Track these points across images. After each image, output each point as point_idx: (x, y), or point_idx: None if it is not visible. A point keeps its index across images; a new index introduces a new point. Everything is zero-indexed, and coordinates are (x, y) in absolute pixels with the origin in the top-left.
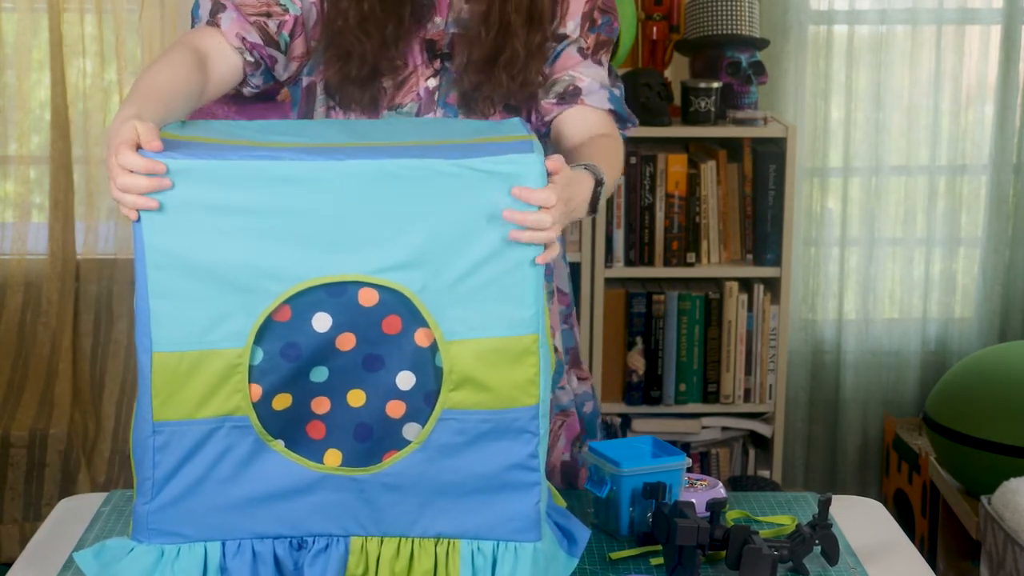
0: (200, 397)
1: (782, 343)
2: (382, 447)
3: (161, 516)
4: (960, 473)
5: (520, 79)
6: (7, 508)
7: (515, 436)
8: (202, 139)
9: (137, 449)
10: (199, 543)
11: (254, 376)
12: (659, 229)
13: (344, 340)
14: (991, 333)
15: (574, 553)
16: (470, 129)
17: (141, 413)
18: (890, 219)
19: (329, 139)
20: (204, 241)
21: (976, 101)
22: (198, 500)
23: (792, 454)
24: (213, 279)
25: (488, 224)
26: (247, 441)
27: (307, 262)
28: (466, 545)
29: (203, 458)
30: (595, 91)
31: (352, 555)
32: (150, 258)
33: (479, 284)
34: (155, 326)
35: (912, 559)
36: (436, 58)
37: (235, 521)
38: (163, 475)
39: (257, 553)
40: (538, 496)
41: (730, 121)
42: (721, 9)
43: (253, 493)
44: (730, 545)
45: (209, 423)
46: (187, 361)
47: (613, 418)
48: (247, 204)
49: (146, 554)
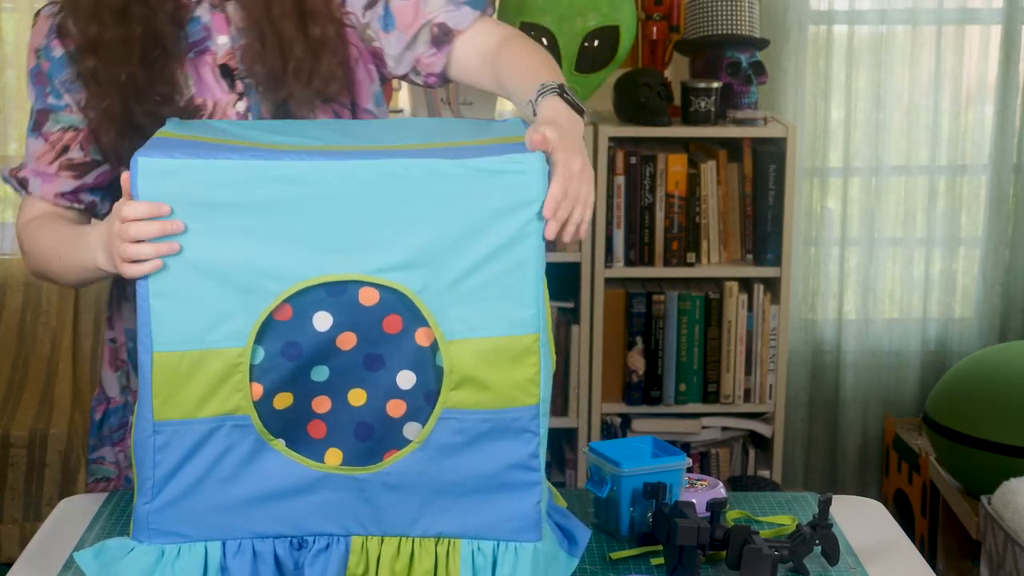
0: (201, 396)
1: (782, 343)
2: (383, 446)
3: (161, 516)
4: (960, 473)
5: (316, 83)
6: (7, 508)
7: (515, 436)
8: (202, 138)
9: (138, 449)
10: (199, 543)
11: (255, 375)
12: (659, 229)
13: (345, 339)
14: (991, 333)
15: (574, 553)
16: (473, 130)
17: (142, 412)
18: (890, 219)
19: (330, 140)
20: (204, 240)
21: (976, 101)
22: (199, 500)
23: (792, 454)
24: (214, 278)
25: (488, 224)
26: (248, 440)
27: (307, 261)
28: (466, 545)
29: (204, 457)
30: (456, 12)
31: (352, 554)
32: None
33: (479, 284)
34: (155, 326)
35: (912, 559)
36: (235, 80)
37: (236, 521)
38: (163, 475)
39: (258, 553)
40: (539, 496)
41: (730, 121)
42: (721, 9)
43: (254, 492)
44: (730, 545)
45: (210, 422)
46: (188, 361)
47: (613, 418)
48: (247, 203)
49: (146, 554)
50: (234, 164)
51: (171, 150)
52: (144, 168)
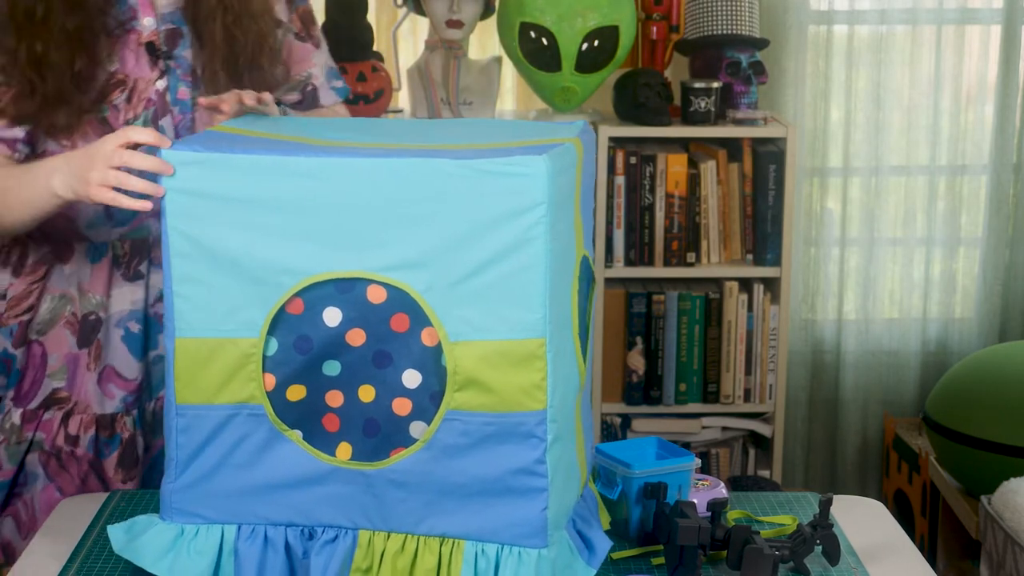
0: (218, 383)
1: (782, 343)
2: (390, 443)
3: (183, 496)
4: (960, 473)
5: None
6: None
7: (521, 440)
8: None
9: (166, 429)
10: (217, 525)
11: (268, 366)
12: (659, 229)
13: (354, 336)
14: (991, 333)
15: (593, 563)
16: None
17: (168, 395)
18: (890, 219)
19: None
20: (222, 231)
21: (976, 101)
22: (216, 483)
23: (792, 454)
24: (230, 269)
25: (492, 225)
26: (262, 429)
27: (317, 257)
28: (470, 547)
29: (221, 443)
30: (328, 88)
31: (359, 549)
32: (173, 245)
33: (484, 285)
34: (178, 312)
35: (913, 559)
36: (159, 59)
37: (250, 506)
38: (185, 456)
39: (269, 538)
40: (545, 503)
41: (730, 121)
42: (721, 9)
43: (267, 480)
44: (731, 545)
45: (227, 409)
46: (207, 348)
47: (613, 418)
48: (262, 197)
49: (167, 531)
50: (250, 159)
51: (200, 143)
52: (169, 159)
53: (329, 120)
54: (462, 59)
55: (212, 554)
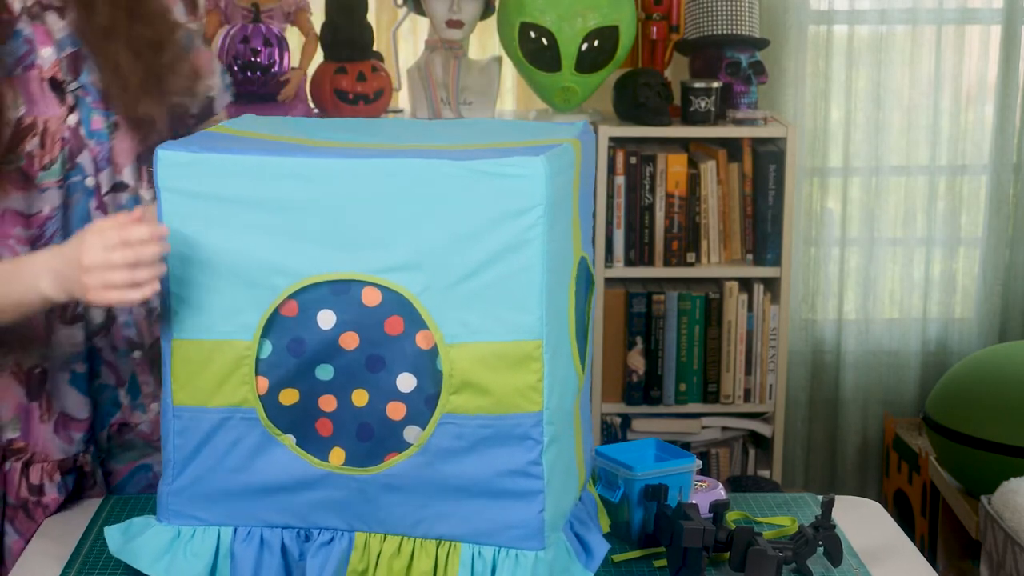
0: (213, 386)
1: (782, 343)
2: (384, 448)
3: (179, 498)
4: (960, 473)
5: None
6: None
7: (517, 442)
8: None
9: (163, 431)
10: (213, 527)
11: (261, 369)
12: (659, 229)
13: (348, 339)
14: (991, 333)
15: (590, 566)
16: (520, 131)
17: (164, 397)
18: (890, 219)
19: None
20: (217, 232)
21: (976, 101)
22: (212, 486)
23: (792, 454)
24: (225, 271)
25: (489, 227)
26: (255, 433)
27: (311, 259)
28: (467, 549)
29: (216, 446)
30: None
31: (356, 551)
32: (170, 246)
33: (480, 287)
34: (174, 313)
35: (913, 560)
36: (65, 94)
37: (246, 509)
38: (182, 458)
39: (265, 541)
40: (542, 505)
41: (730, 121)
42: (721, 9)
43: (261, 484)
44: (734, 547)
45: (221, 412)
46: (203, 350)
47: (613, 418)
48: (257, 198)
49: (163, 533)
50: (246, 160)
51: (196, 144)
52: (164, 159)
53: (327, 121)
54: (462, 59)
55: (208, 556)
